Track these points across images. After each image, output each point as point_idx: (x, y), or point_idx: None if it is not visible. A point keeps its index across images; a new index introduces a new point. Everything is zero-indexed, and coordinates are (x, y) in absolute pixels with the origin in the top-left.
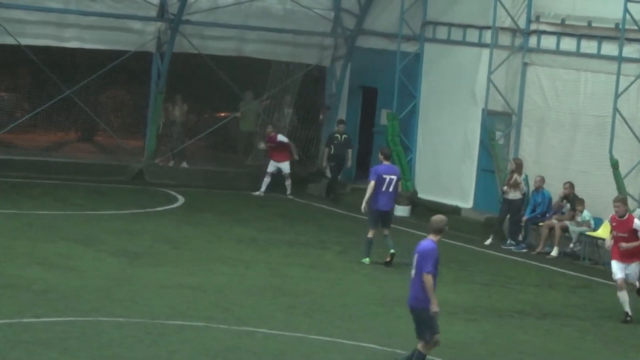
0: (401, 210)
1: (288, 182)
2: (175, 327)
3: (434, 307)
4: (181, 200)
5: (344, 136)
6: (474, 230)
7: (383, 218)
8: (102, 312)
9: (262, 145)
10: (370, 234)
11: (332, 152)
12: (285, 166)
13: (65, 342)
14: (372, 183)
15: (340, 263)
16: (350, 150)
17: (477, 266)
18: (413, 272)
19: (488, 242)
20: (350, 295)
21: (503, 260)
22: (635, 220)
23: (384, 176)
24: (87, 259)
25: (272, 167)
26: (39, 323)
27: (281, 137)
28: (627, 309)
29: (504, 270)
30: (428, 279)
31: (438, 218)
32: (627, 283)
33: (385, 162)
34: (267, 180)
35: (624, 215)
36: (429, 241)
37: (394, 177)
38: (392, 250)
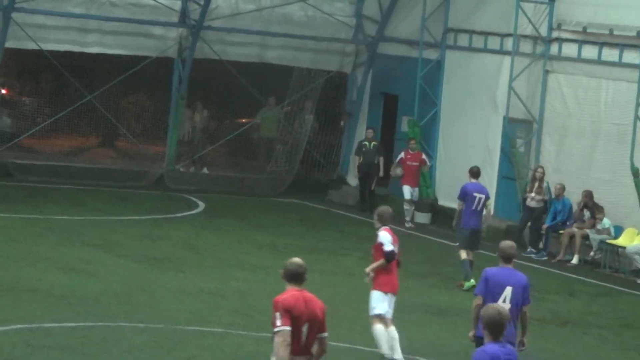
0: (421, 217)
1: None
2: (196, 332)
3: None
4: (202, 206)
5: (373, 143)
6: (495, 238)
7: (471, 238)
8: (122, 318)
9: (398, 172)
10: (463, 255)
11: (361, 160)
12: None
13: (86, 347)
14: (460, 202)
15: (360, 269)
16: (381, 159)
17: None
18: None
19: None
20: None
21: (524, 268)
22: None
23: (474, 194)
24: (107, 264)
25: (408, 192)
26: (59, 328)
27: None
28: None
29: None
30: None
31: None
32: None
33: (474, 180)
34: (409, 208)
35: None
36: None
37: (483, 196)
38: (469, 282)
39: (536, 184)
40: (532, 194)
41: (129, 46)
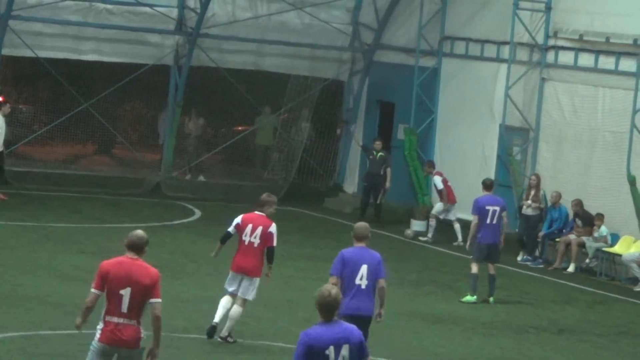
0: (418, 225)
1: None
2: (192, 340)
3: None
4: (198, 213)
5: (379, 154)
6: None
7: (489, 252)
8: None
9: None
10: (474, 269)
11: (367, 168)
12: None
13: (83, 354)
14: (475, 218)
15: None
16: (388, 170)
17: (497, 282)
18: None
19: (519, 257)
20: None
21: (520, 276)
22: None
23: (487, 207)
24: None
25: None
26: (55, 336)
27: (437, 180)
28: None
29: (521, 286)
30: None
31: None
32: None
33: (487, 193)
34: (433, 224)
35: None
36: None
37: (497, 208)
38: (471, 297)
39: (532, 192)
40: (529, 202)
41: (125, 54)
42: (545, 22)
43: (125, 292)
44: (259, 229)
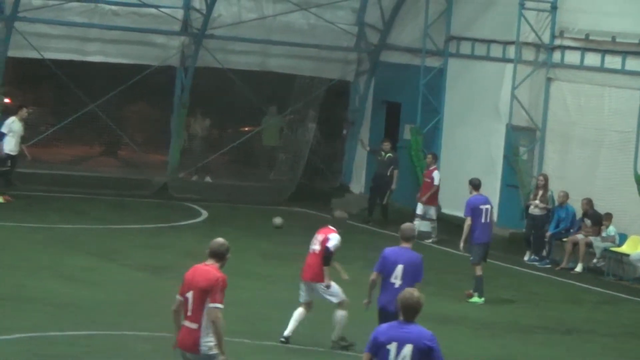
0: (424, 226)
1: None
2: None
3: None
4: (204, 214)
5: (388, 155)
6: (498, 246)
7: (485, 251)
8: (125, 326)
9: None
10: (479, 272)
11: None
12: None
13: (89, 356)
14: (469, 219)
15: (364, 278)
16: (395, 171)
17: (500, 282)
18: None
19: (526, 257)
20: (376, 310)
21: (527, 276)
22: None
23: (481, 207)
24: (110, 273)
25: (420, 209)
26: (62, 337)
27: (436, 175)
28: None
29: (527, 286)
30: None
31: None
32: None
33: (476, 193)
34: (418, 222)
35: None
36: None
37: (489, 207)
38: (480, 299)
39: (540, 192)
40: (537, 202)
41: (131, 55)
42: (551, 21)
43: (190, 296)
44: (321, 237)
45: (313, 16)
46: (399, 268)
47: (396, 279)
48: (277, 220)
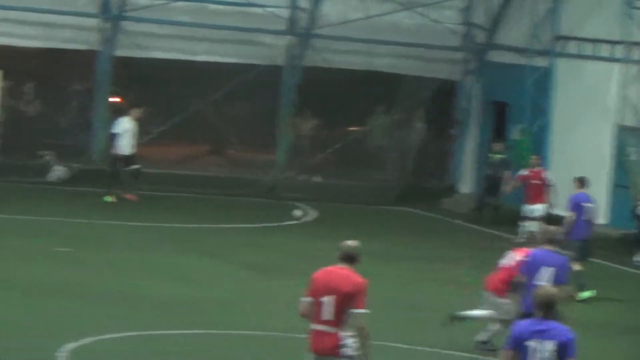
0: (534, 227)
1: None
2: (302, 340)
3: None
4: (312, 214)
5: (499, 156)
6: (609, 247)
7: (584, 248)
8: (232, 325)
9: (509, 188)
10: (578, 266)
11: (486, 171)
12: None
13: (196, 354)
14: (572, 214)
15: (472, 279)
16: (507, 173)
17: (612, 282)
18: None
19: (636, 258)
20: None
21: (636, 277)
22: None
23: (583, 204)
24: (218, 272)
25: (531, 210)
26: (171, 335)
27: (549, 175)
28: None
29: (637, 287)
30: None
31: None
32: None
33: (581, 190)
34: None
35: None
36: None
37: (592, 205)
38: (586, 293)
39: None
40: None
41: (237, 54)
42: None
43: (327, 300)
44: (517, 256)
45: (419, 16)
46: (546, 270)
47: (541, 281)
48: (297, 213)
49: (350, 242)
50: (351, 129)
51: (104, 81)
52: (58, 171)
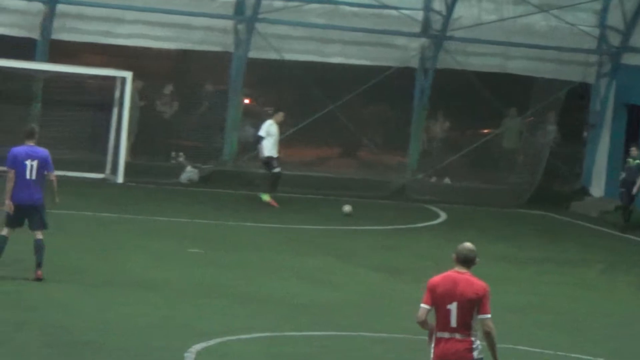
0: None
1: None
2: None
3: None
4: (443, 216)
5: (636, 161)
6: None
7: None
8: (362, 328)
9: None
10: None
11: (622, 176)
12: None
13: (325, 356)
14: None
15: (603, 282)
16: None
17: None
18: None
19: None
20: (614, 314)
21: None
22: None
23: None
24: (347, 273)
25: None
26: (299, 337)
27: None
28: None
29: None
30: None
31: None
32: None
33: None
34: None
35: None
36: None
37: None
38: None
39: None
40: None
41: (370, 56)
42: None
43: (453, 307)
44: None
45: (554, 18)
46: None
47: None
48: (346, 208)
49: (468, 245)
50: (483, 131)
51: (237, 83)
52: (190, 172)
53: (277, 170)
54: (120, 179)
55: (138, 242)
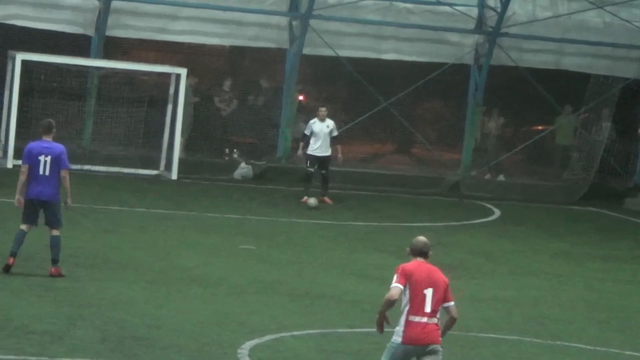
0: None
1: None
2: (489, 340)
3: None
4: (497, 213)
5: None
6: None
7: None
8: None
9: None
10: None
11: None
12: None
13: (378, 353)
14: None
15: None
16: None
17: None
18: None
19: None
20: None
21: None
22: None
23: None
24: None
25: None
26: (352, 334)
27: None
28: None
29: None
30: None
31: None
32: None
33: None
34: None
35: None
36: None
37: None
38: None
39: None
40: None
41: (425, 53)
42: None
43: (428, 292)
44: None
45: (608, 14)
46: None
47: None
48: (312, 201)
49: (422, 238)
50: (537, 128)
51: (291, 79)
52: (244, 169)
53: (308, 169)
54: (174, 175)
55: (191, 239)
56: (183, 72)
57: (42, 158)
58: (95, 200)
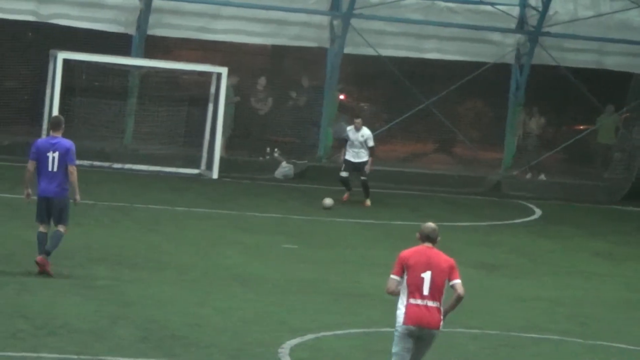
0: None
1: None
2: (531, 339)
3: None
4: (538, 212)
5: None
6: None
7: None
8: (458, 324)
9: None
10: None
11: None
12: None
13: None
14: None
15: None
16: None
17: None
18: None
19: None
20: None
21: None
22: None
23: None
24: None
25: None
26: (391, 333)
27: None
28: None
29: None
30: None
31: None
32: None
33: None
34: None
35: None
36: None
37: None
38: None
39: None
40: None
41: (466, 52)
42: None
43: (426, 276)
44: None
45: None
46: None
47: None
48: (327, 202)
49: (431, 224)
50: (579, 127)
51: (333, 79)
52: (285, 168)
53: (342, 173)
54: (215, 174)
55: (232, 238)
56: (224, 71)
57: (50, 154)
58: (136, 199)
